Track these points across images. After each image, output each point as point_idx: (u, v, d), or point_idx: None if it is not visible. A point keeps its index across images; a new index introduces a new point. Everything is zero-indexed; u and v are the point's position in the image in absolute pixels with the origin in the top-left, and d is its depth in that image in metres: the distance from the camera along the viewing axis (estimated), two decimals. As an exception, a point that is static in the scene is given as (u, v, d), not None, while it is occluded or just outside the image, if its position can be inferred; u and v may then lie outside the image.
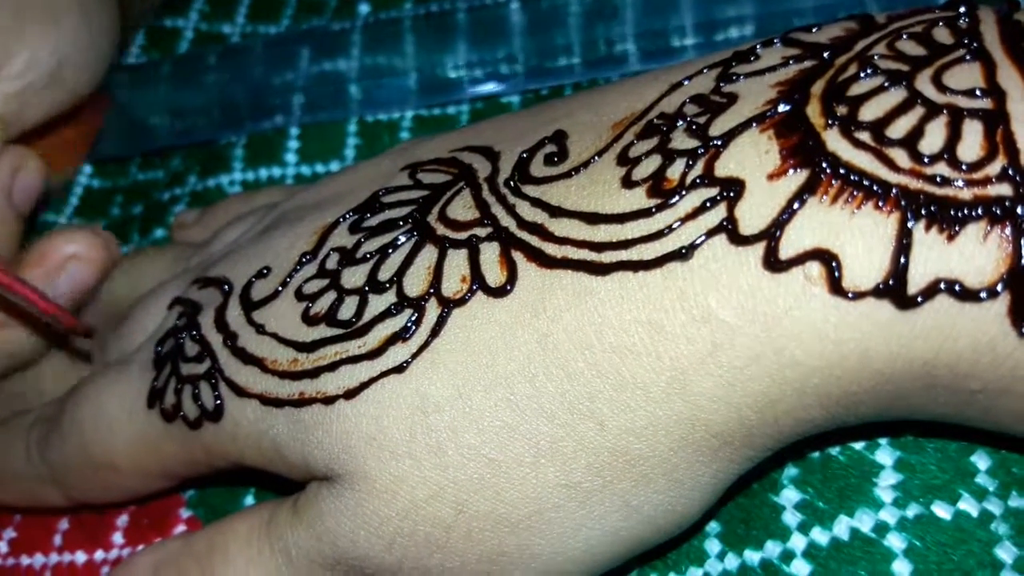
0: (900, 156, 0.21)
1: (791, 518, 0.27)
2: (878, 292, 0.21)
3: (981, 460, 0.26)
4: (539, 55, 0.41)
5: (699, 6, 0.39)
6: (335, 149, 0.43)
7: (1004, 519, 0.26)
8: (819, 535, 0.27)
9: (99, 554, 0.34)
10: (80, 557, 0.34)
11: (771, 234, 0.21)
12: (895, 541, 0.26)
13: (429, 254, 0.26)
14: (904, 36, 0.23)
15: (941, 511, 0.26)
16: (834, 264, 0.21)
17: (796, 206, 0.21)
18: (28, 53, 0.34)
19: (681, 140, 0.24)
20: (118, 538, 0.34)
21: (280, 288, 0.28)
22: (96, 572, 0.34)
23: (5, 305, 0.34)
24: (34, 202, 0.36)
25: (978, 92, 0.21)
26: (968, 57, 0.22)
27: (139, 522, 0.35)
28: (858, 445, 0.27)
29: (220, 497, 0.34)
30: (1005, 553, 0.25)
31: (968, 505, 0.26)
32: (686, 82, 0.25)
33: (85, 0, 0.36)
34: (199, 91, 0.45)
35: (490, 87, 0.42)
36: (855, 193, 0.21)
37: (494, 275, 0.24)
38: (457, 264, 0.25)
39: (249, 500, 0.34)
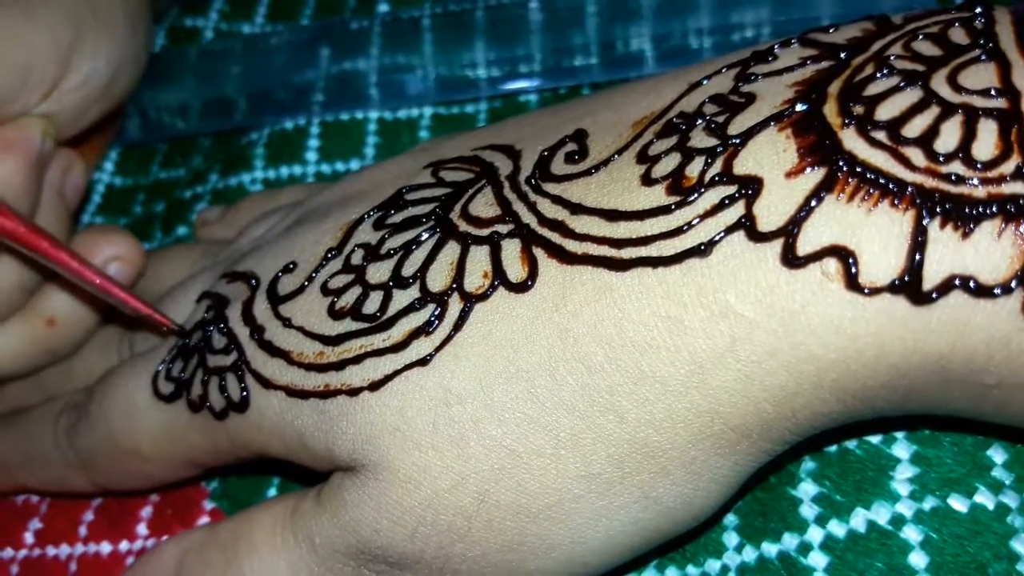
0: (916, 155, 0.21)
1: (808, 511, 0.27)
2: (894, 288, 0.21)
3: (997, 454, 0.26)
4: (557, 54, 0.41)
5: (717, 8, 0.39)
6: (355, 147, 0.43)
7: (1020, 512, 0.26)
8: (836, 528, 0.27)
9: (124, 544, 0.35)
10: (105, 547, 0.35)
11: (789, 231, 0.22)
12: (912, 533, 0.26)
13: (452, 250, 0.26)
14: (920, 36, 0.23)
15: (957, 504, 0.26)
16: (851, 260, 0.21)
17: (813, 204, 0.22)
18: (88, 66, 0.35)
19: (700, 139, 0.24)
20: (142, 529, 0.35)
21: (306, 283, 0.28)
22: (121, 562, 0.34)
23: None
24: (80, 199, 0.37)
25: (993, 92, 0.21)
26: (983, 57, 0.22)
27: (163, 513, 0.35)
28: (875, 439, 0.28)
29: (243, 489, 0.35)
30: (1021, 546, 0.25)
31: (984, 498, 0.26)
32: (705, 81, 0.25)
33: (132, 10, 0.37)
34: (219, 86, 0.45)
35: (508, 86, 0.42)
36: (871, 191, 0.21)
37: (515, 271, 0.25)
38: (479, 260, 0.25)
39: (272, 492, 0.34)
